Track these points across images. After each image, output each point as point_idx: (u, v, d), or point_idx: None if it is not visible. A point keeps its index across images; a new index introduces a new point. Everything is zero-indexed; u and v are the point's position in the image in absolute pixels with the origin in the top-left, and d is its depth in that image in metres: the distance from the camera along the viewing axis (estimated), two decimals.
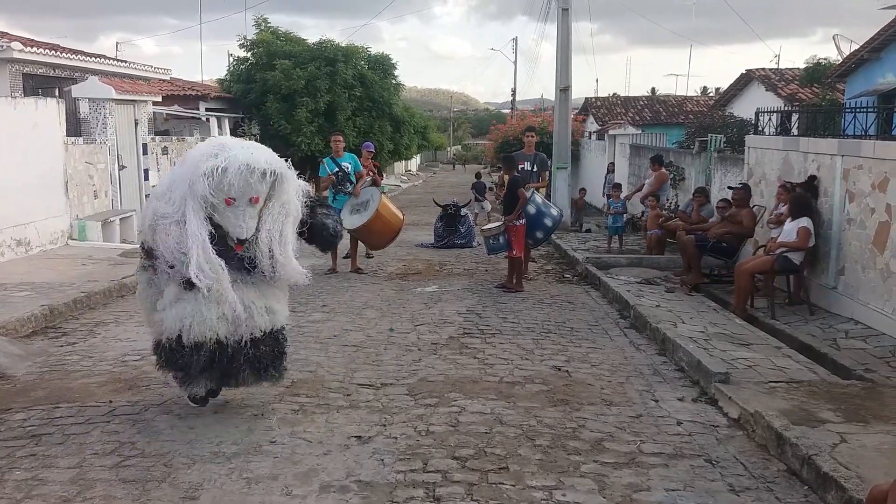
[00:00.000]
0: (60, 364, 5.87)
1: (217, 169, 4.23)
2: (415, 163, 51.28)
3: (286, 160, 4.67)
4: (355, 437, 4.42)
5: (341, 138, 10.60)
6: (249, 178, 4.29)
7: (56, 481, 3.81)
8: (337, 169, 10.03)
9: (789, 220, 7.84)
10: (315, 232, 5.00)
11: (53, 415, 4.74)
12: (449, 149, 67.89)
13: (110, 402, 4.98)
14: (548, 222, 9.43)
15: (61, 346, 6.43)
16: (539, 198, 9.54)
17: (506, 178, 9.32)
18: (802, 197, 7.91)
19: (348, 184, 9.98)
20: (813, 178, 8.25)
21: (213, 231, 4.36)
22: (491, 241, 9.16)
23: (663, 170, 12.60)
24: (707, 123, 16.70)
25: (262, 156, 4.42)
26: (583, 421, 4.73)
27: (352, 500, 3.67)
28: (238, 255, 4.52)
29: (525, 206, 8.99)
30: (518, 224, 8.95)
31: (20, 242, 10.23)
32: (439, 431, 4.53)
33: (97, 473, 3.91)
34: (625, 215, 12.76)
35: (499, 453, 4.21)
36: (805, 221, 7.67)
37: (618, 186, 13.74)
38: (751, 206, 9.36)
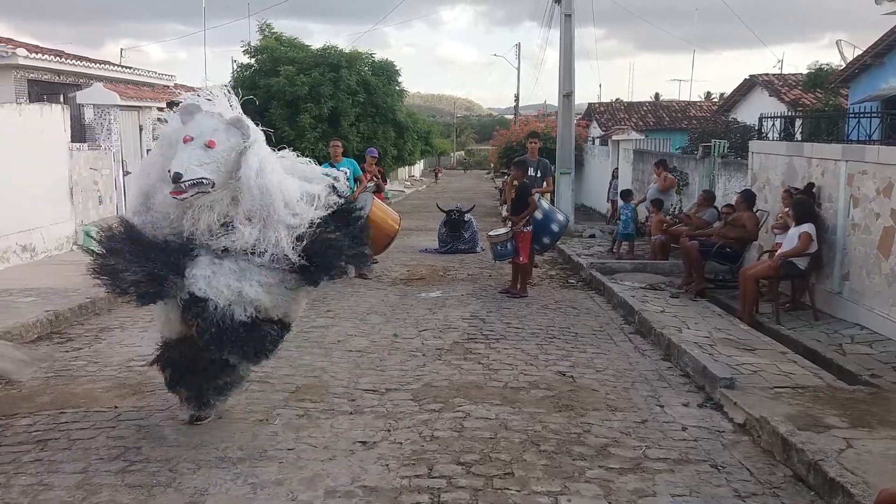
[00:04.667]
0: (66, 369, 5.88)
1: (187, 105, 4.21)
2: (418, 168, 51.33)
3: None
4: (360, 442, 4.42)
5: (339, 143, 10.63)
6: (210, 120, 4.16)
7: (61, 486, 3.82)
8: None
9: (794, 225, 7.83)
10: (316, 250, 4.31)
11: (59, 420, 4.75)
12: (452, 154, 67.96)
13: (116, 407, 4.99)
14: (554, 228, 9.44)
15: (66, 351, 6.45)
16: (545, 203, 9.56)
17: (514, 182, 9.31)
18: (805, 202, 7.91)
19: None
20: (811, 185, 8.24)
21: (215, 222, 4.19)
22: (498, 248, 9.16)
23: (668, 174, 12.61)
24: (710, 129, 16.76)
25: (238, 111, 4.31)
26: (588, 426, 4.72)
27: None
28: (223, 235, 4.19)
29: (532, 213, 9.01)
30: (525, 230, 8.96)
31: (25, 248, 10.25)
32: (444, 437, 4.52)
33: (102, 479, 3.91)
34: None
35: (504, 458, 4.21)
36: (807, 227, 7.66)
37: (628, 192, 13.72)
38: (754, 210, 9.36)
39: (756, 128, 11.54)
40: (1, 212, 9.57)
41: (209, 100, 4.34)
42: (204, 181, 4.03)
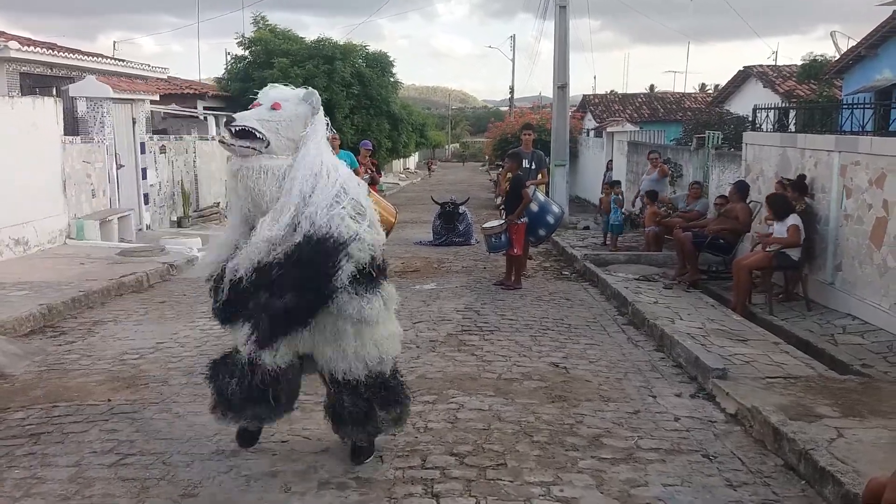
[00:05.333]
0: (59, 363, 5.87)
1: (265, 89, 3.85)
2: (413, 160, 51.27)
3: None
4: None
5: (336, 136, 10.62)
6: (282, 92, 3.80)
7: (55, 480, 3.82)
8: None
9: (776, 223, 7.82)
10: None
11: (52, 413, 4.74)
12: (447, 146, 67.89)
13: (109, 400, 4.99)
14: (550, 219, 9.45)
15: (60, 345, 6.44)
16: (541, 195, 9.56)
17: (508, 174, 9.31)
18: (779, 198, 7.91)
19: None
20: (803, 176, 8.26)
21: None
22: (493, 240, 9.16)
23: (662, 165, 12.63)
24: (705, 120, 16.72)
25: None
26: (580, 417, 4.74)
27: (350, 496, 3.68)
28: None
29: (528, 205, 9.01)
30: (520, 222, 8.96)
31: (18, 242, 10.22)
32: (438, 428, 4.53)
33: (96, 472, 3.91)
34: (622, 210, 12.76)
35: (497, 449, 4.22)
36: (792, 219, 7.68)
37: (616, 183, 13.74)
38: (747, 201, 9.38)
39: (750, 119, 11.54)
40: None
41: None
42: (257, 134, 3.55)
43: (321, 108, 3.82)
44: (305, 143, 3.66)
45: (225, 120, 3.59)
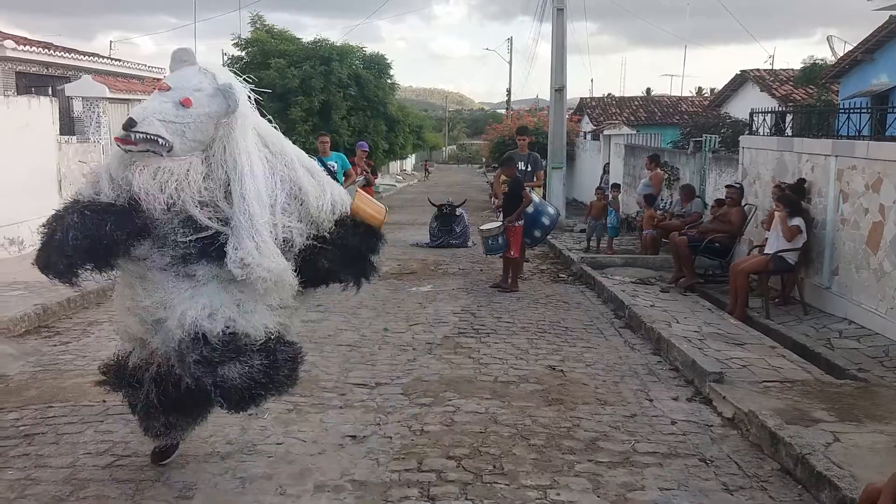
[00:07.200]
0: (53, 363, 5.84)
1: (182, 50, 3.53)
2: (410, 162, 51.25)
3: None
4: (350, 436, 4.41)
5: (327, 139, 10.65)
6: (198, 76, 3.44)
7: (49, 481, 3.79)
8: (323, 169, 10.08)
9: (785, 213, 7.78)
10: (334, 255, 3.69)
11: (46, 414, 4.72)
12: (444, 148, 67.94)
13: (104, 401, 4.95)
14: (545, 221, 9.44)
15: (54, 345, 6.41)
16: (536, 197, 9.56)
17: (501, 177, 9.31)
18: (792, 196, 7.93)
19: None
20: (802, 180, 8.27)
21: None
22: (490, 242, 9.15)
23: (659, 170, 12.62)
24: (702, 124, 16.74)
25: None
26: (577, 420, 4.73)
27: (346, 499, 3.66)
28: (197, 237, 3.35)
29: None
30: (517, 224, 8.96)
31: (13, 241, 10.18)
32: (434, 431, 4.52)
33: (90, 473, 3.89)
34: (617, 213, 12.75)
35: (493, 453, 4.21)
36: (797, 220, 7.70)
37: (615, 186, 13.74)
38: (742, 205, 9.40)
39: (747, 123, 11.56)
40: None
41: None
42: (160, 141, 3.27)
43: (239, 104, 3.42)
44: (237, 160, 3.36)
45: (126, 121, 3.25)
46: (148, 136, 3.26)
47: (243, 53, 22.04)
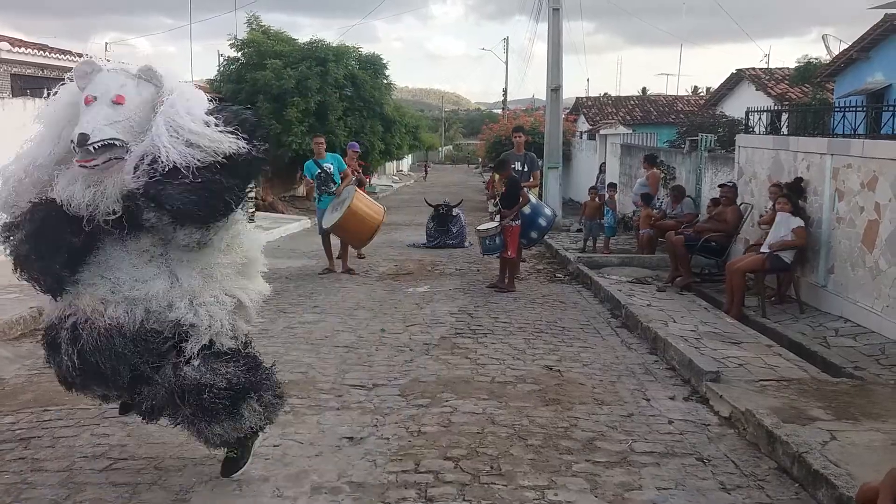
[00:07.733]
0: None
1: (81, 65, 3.49)
2: (406, 163, 51.22)
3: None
4: (347, 438, 4.41)
5: (322, 140, 10.64)
6: (114, 76, 3.42)
7: (45, 485, 3.78)
8: (319, 170, 10.09)
9: (788, 210, 7.79)
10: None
11: (42, 418, 4.71)
12: (440, 149, 67.93)
13: (100, 405, 4.94)
14: (542, 222, 9.45)
15: None
16: (533, 198, 9.56)
17: (495, 176, 9.32)
18: (793, 196, 7.95)
19: (332, 184, 10.03)
20: (799, 179, 8.29)
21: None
22: (487, 242, 9.15)
23: (655, 170, 12.63)
24: (698, 123, 16.78)
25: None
26: (574, 420, 4.73)
27: (343, 501, 3.66)
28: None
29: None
30: (514, 224, 8.96)
31: None
32: (431, 432, 4.52)
33: (87, 477, 3.88)
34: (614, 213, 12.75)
35: (491, 453, 4.21)
36: (797, 221, 7.72)
37: (612, 186, 13.74)
38: (737, 203, 9.41)
39: (743, 122, 11.58)
40: None
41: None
42: (116, 143, 3.26)
43: (168, 78, 3.43)
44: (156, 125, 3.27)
45: (77, 139, 3.19)
46: (105, 142, 3.24)
47: (239, 54, 22.00)
